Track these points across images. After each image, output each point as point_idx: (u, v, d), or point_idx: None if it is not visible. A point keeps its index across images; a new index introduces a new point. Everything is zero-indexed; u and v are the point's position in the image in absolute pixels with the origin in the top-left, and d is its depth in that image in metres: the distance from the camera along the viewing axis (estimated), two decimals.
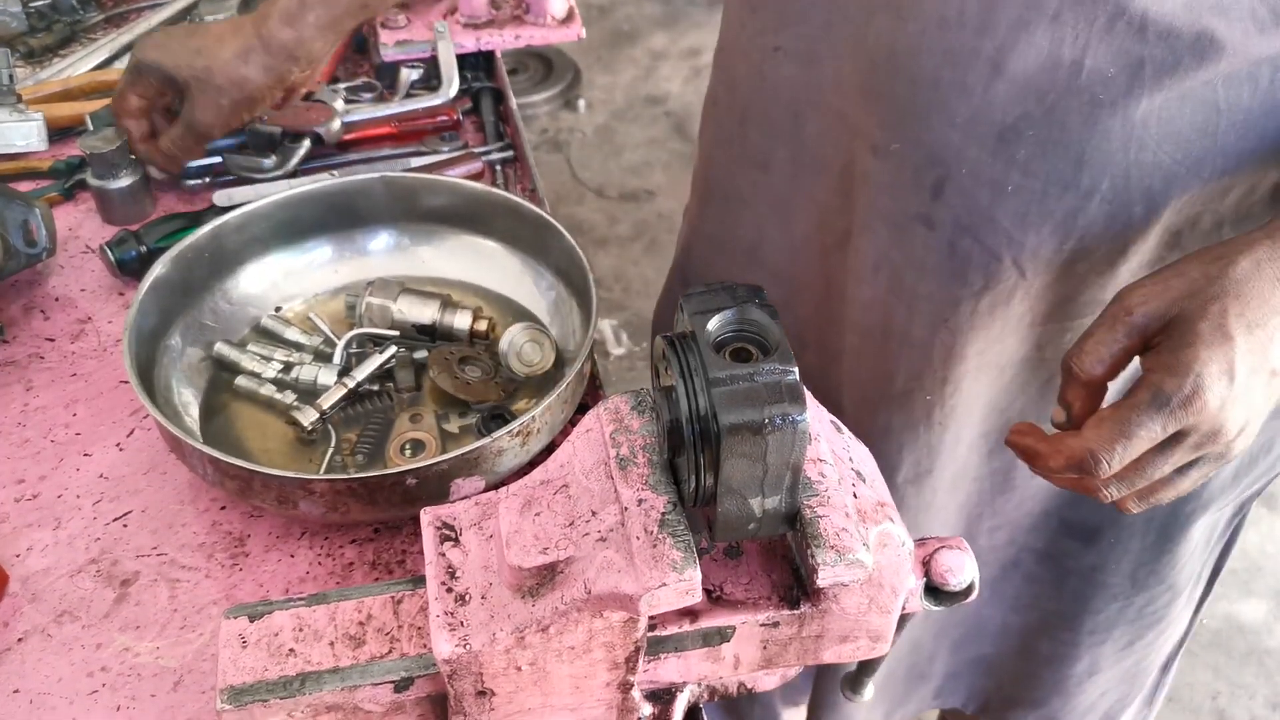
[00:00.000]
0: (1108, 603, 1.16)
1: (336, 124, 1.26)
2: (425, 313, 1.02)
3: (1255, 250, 0.71)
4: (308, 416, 0.94)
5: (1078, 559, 1.14)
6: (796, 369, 0.54)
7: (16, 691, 0.78)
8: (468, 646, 0.59)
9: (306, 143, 1.24)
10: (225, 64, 1.12)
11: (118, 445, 0.95)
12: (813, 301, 1.06)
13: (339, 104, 1.29)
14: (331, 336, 1.03)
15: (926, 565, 0.67)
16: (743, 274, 1.13)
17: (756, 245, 1.09)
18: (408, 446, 0.93)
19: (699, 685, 0.70)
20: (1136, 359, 0.74)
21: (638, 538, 0.57)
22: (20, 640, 0.81)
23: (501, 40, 1.45)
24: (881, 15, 0.85)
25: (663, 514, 0.58)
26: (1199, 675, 2.23)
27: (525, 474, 0.65)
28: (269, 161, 1.22)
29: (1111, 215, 0.85)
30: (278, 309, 1.07)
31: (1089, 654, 1.22)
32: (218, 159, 1.26)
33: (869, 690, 0.84)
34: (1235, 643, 2.29)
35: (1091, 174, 0.82)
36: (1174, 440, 0.71)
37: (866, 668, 0.82)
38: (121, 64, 1.41)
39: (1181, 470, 0.74)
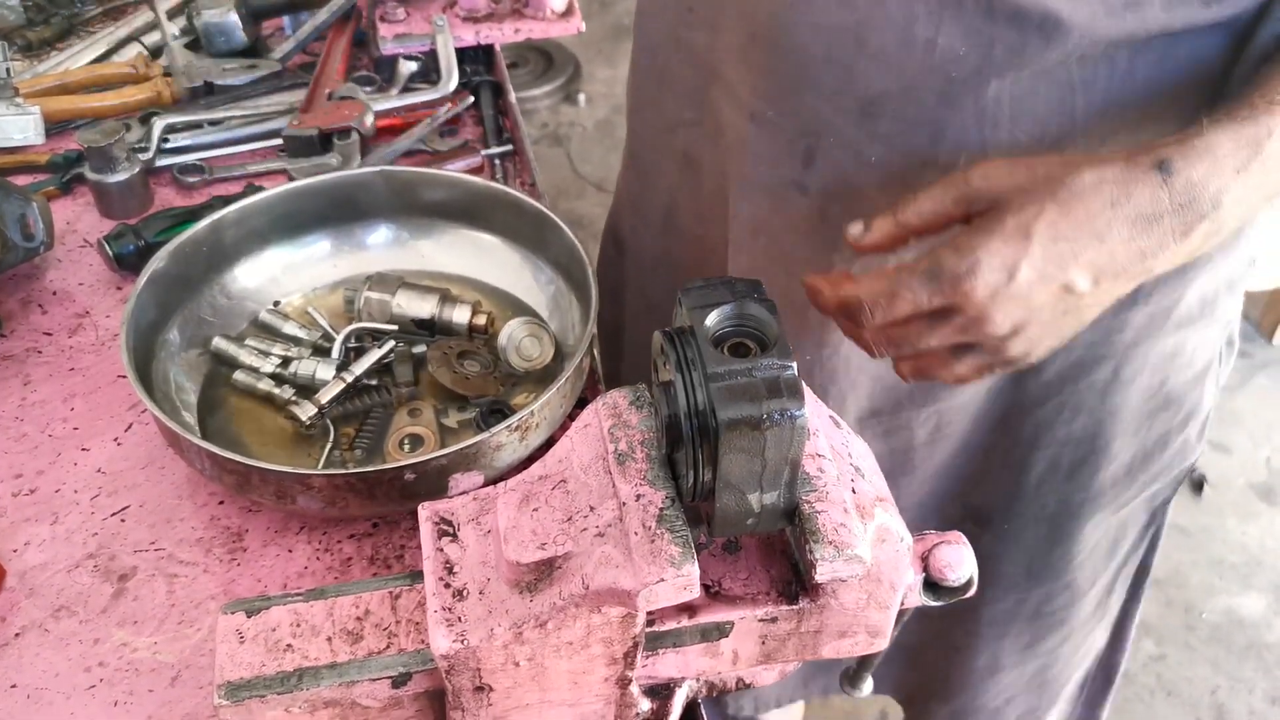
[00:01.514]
0: (1005, 592, 1.18)
1: (370, 117, 1.27)
2: (424, 307, 1.02)
3: (1105, 168, 0.70)
4: (306, 411, 0.94)
5: (977, 544, 1.11)
6: (795, 364, 0.54)
7: (14, 687, 0.78)
8: (465, 642, 0.59)
9: (355, 135, 1.25)
10: None
11: (115, 440, 0.95)
12: (718, 265, 1.08)
13: (363, 96, 1.29)
14: (330, 331, 1.03)
15: (925, 560, 0.67)
16: (660, 237, 1.16)
17: (671, 209, 1.12)
18: (406, 441, 0.93)
19: (697, 680, 0.70)
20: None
21: (636, 533, 0.57)
22: (17, 635, 0.81)
23: (501, 34, 1.45)
24: (755, 25, 0.87)
25: (661, 509, 0.57)
26: (1198, 670, 2.23)
27: (524, 469, 0.65)
28: (335, 160, 1.22)
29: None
30: (276, 303, 1.06)
31: (989, 647, 1.23)
32: (214, 152, 1.26)
33: (868, 685, 0.84)
34: (1235, 637, 2.29)
35: (948, 150, 0.84)
36: (941, 315, 0.72)
37: (865, 663, 0.82)
38: (120, 57, 1.41)
39: (957, 353, 0.75)
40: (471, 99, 1.37)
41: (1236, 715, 2.17)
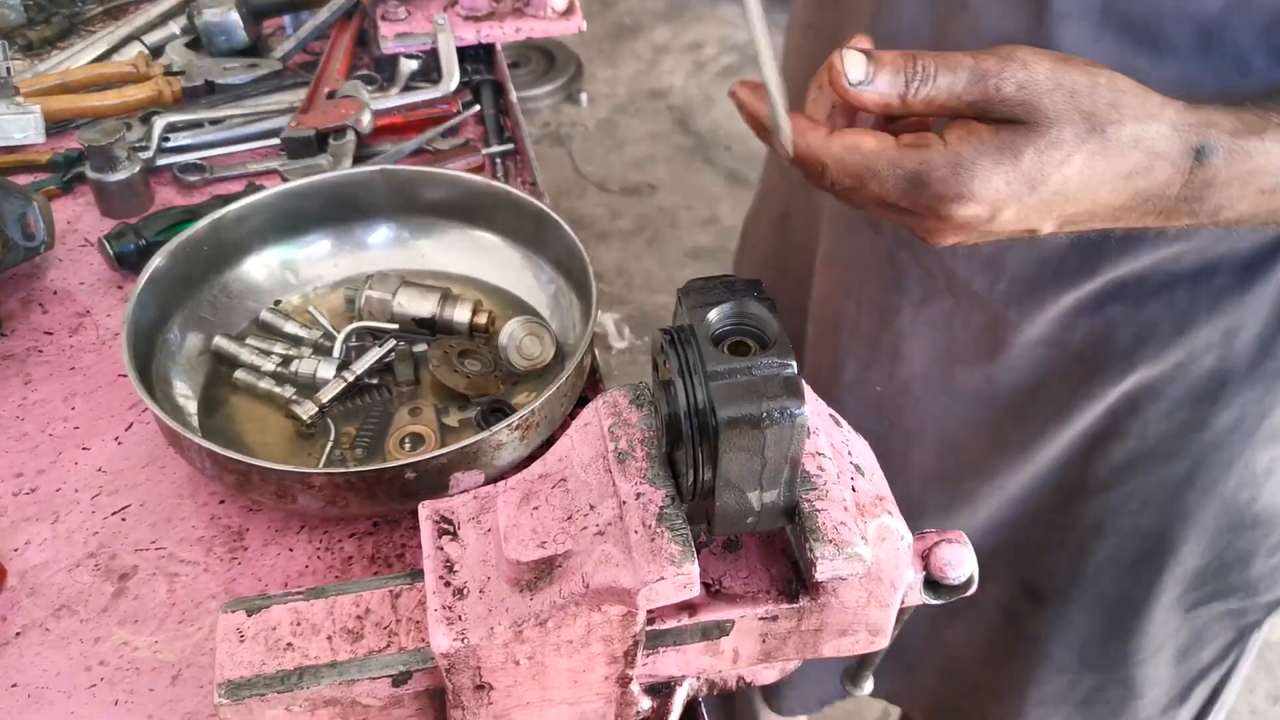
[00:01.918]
0: (1054, 675, 1.12)
1: (368, 116, 1.27)
2: (425, 306, 1.02)
3: (1148, 126, 0.62)
4: (307, 410, 0.94)
5: (1029, 621, 1.11)
6: (795, 363, 0.54)
7: (14, 686, 0.78)
8: (465, 640, 0.59)
9: (351, 135, 1.24)
10: None
11: (116, 439, 0.95)
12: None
13: (364, 95, 1.29)
14: (331, 330, 1.03)
15: (925, 559, 0.67)
16: (772, 240, 1.15)
17: (785, 216, 1.10)
18: (407, 440, 0.93)
19: (698, 679, 0.70)
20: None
21: (636, 532, 0.57)
22: (18, 635, 0.81)
23: (502, 33, 1.45)
24: (882, 14, 0.85)
25: (661, 508, 0.57)
26: None
27: (524, 467, 0.65)
28: (326, 161, 1.22)
29: (1042, 259, 0.85)
30: (277, 302, 1.06)
31: None
32: (215, 151, 1.26)
33: (869, 683, 0.84)
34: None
35: None
36: (899, 207, 0.65)
37: (866, 661, 0.82)
38: (121, 56, 1.41)
39: (893, 212, 0.67)
40: (477, 105, 1.37)
41: (1238, 714, 2.17)
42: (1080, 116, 0.62)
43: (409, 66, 1.38)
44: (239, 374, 0.98)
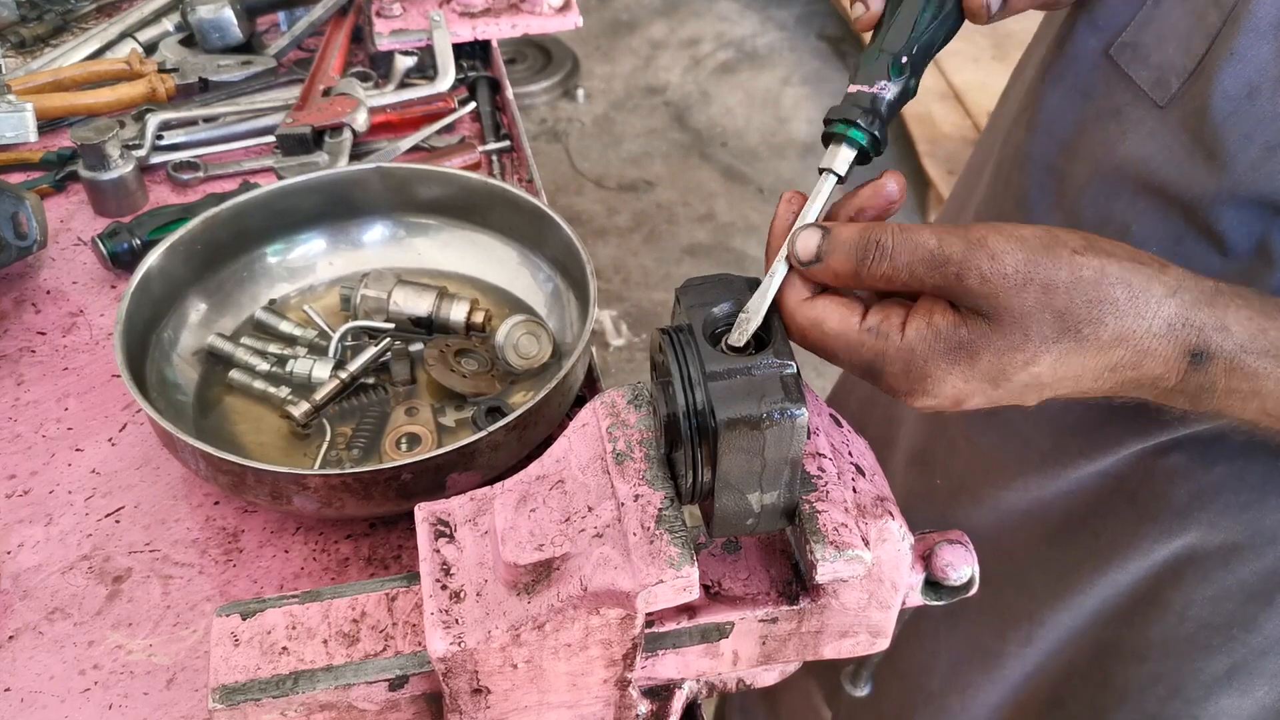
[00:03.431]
0: None
1: (363, 114, 1.26)
2: (421, 305, 1.01)
3: (1137, 321, 0.57)
4: (302, 410, 0.93)
5: None
6: (794, 363, 0.53)
7: (8, 690, 0.77)
8: (463, 644, 0.58)
9: (348, 133, 1.24)
10: None
11: (110, 440, 0.95)
12: None
13: (360, 93, 1.28)
14: (326, 329, 1.02)
15: (926, 560, 0.66)
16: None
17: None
18: (403, 440, 0.92)
19: (697, 681, 0.70)
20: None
21: (634, 534, 0.56)
22: (11, 638, 0.81)
23: (498, 29, 1.44)
24: (1025, 96, 0.86)
25: (660, 510, 0.57)
26: None
27: (522, 467, 0.64)
28: (322, 159, 1.21)
29: (1113, 407, 0.80)
30: (272, 301, 1.06)
31: None
32: (209, 149, 1.26)
33: (868, 684, 0.84)
34: None
35: None
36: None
37: (866, 662, 0.81)
38: (115, 54, 1.40)
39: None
40: (473, 102, 1.36)
41: None
42: (1052, 316, 0.56)
43: (405, 63, 1.37)
44: (234, 374, 0.98)
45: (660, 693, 0.68)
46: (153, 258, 0.95)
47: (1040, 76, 0.84)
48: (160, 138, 1.26)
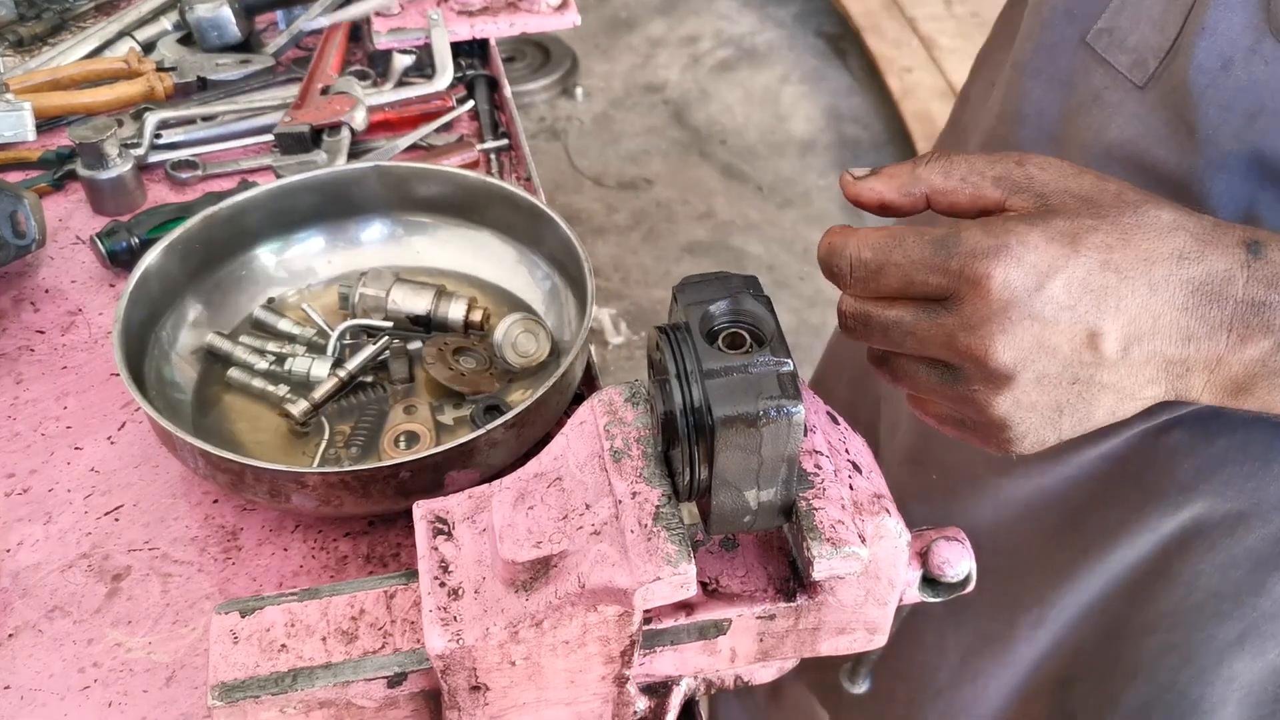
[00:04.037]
0: None
1: (362, 112, 1.26)
2: (419, 303, 1.01)
3: (1188, 217, 0.58)
4: (300, 408, 0.93)
5: None
6: (792, 360, 0.53)
7: (7, 688, 0.78)
8: (461, 641, 0.59)
9: (346, 132, 1.24)
10: None
11: (109, 439, 0.95)
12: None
13: (358, 92, 1.28)
14: (325, 327, 1.02)
15: (923, 557, 0.66)
16: None
17: None
18: (402, 438, 0.93)
19: (695, 678, 0.70)
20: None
21: (632, 531, 0.56)
22: (11, 636, 0.81)
23: (496, 28, 1.44)
24: (995, 90, 0.85)
25: (657, 507, 0.57)
26: None
27: (520, 466, 0.64)
28: (321, 157, 1.21)
29: None
30: (270, 300, 1.06)
31: None
32: (207, 148, 1.26)
33: (867, 681, 0.84)
34: None
35: None
36: (933, 309, 0.58)
37: (864, 658, 0.82)
38: (113, 52, 1.40)
39: (929, 370, 0.61)
40: (471, 100, 1.36)
41: None
42: (1111, 198, 0.58)
43: (403, 62, 1.37)
44: (232, 372, 0.98)
45: (658, 690, 0.68)
46: (151, 256, 0.95)
47: (1019, 71, 0.84)
48: (158, 136, 1.26)
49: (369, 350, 0.97)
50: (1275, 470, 0.78)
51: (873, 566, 0.61)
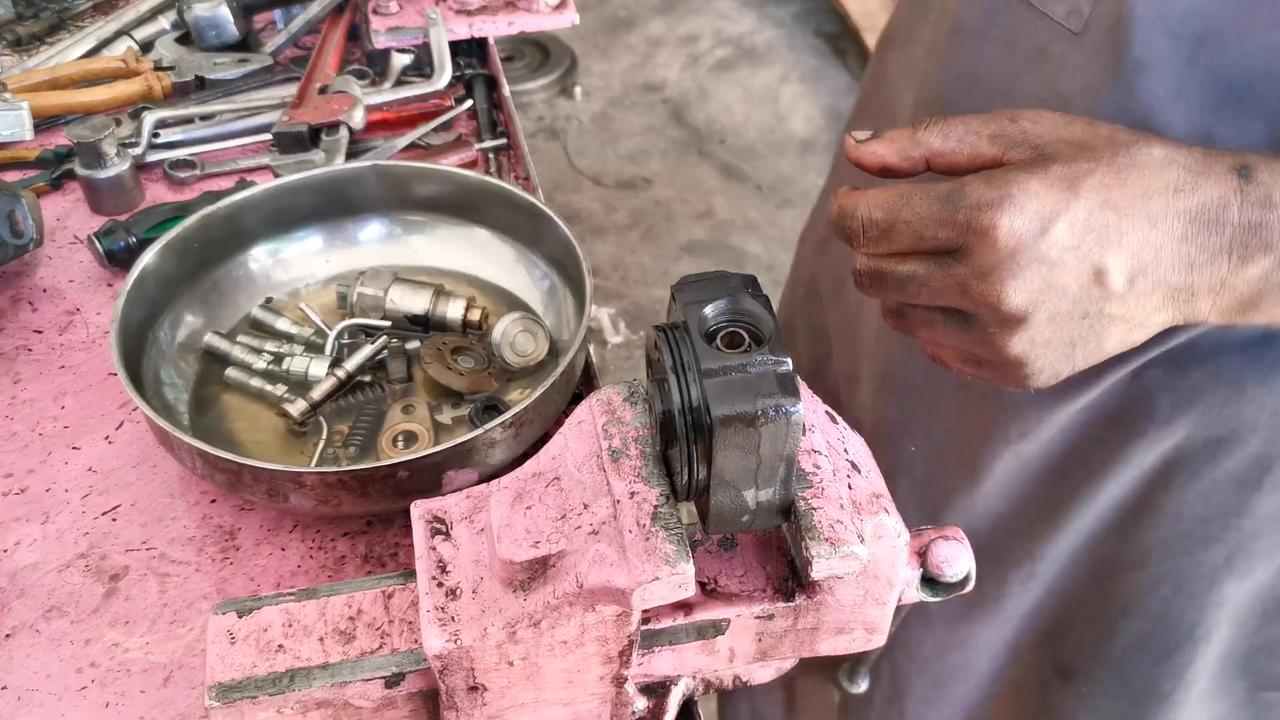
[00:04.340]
0: None
1: (360, 112, 1.25)
2: (417, 302, 1.01)
3: (1178, 150, 0.60)
4: (299, 408, 0.93)
5: (1057, 696, 1.05)
6: (790, 360, 0.53)
7: (4, 688, 0.77)
8: (459, 641, 0.58)
9: (345, 131, 1.23)
10: None
11: (106, 438, 0.95)
12: (844, 312, 1.06)
13: (357, 91, 1.28)
14: (323, 327, 1.02)
15: (922, 556, 0.66)
16: (813, 257, 1.16)
17: (830, 236, 1.09)
18: (400, 438, 0.92)
19: (694, 678, 0.70)
20: None
21: (630, 531, 0.56)
22: (8, 636, 0.81)
23: (494, 27, 1.44)
24: (930, 60, 0.84)
25: (655, 507, 0.57)
26: None
27: (518, 465, 0.64)
28: (319, 157, 1.21)
29: None
30: (268, 299, 1.06)
31: None
32: (205, 147, 1.26)
33: (865, 681, 0.84)
34: None
35: None
36: (945, 260, 0.61)
37: (863, 658, 0.82)
38: (111, 52, 1.40)
39: (945, 319, 0.64)
40: (470, 100, 1.36)
41: None
42: (1103, 139, 0.61)
43: (401, 61, 1.37)
44: (230, 372, 0.98)
45: (656, 689, 0.68)
46: (149, 256, 0.95)
47: (960, 35, 0.83)
48: (156, 136, 1.26)
49: (367, 350, 0.97)
50: (1248, 394, 0.80)
51: (871, 566, 0.61)
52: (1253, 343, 0.78)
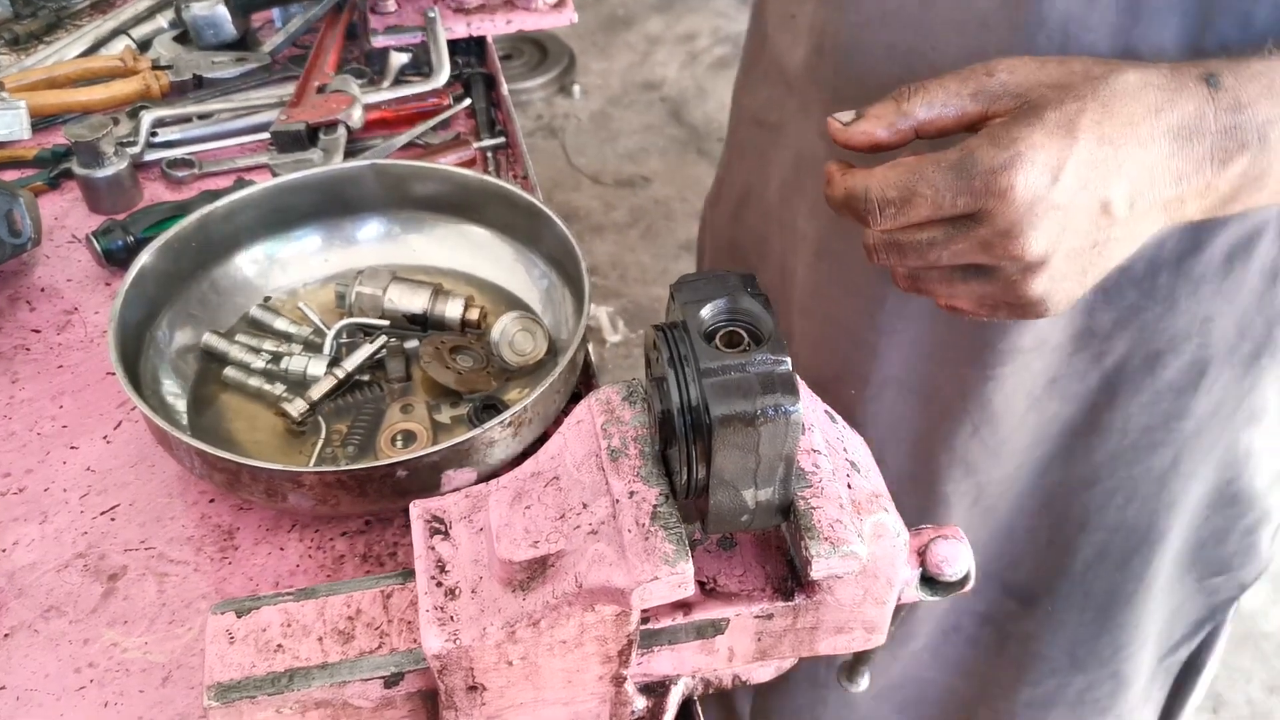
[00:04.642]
0: (1046, 676, 1.11)
1: (358, 110, 1.25)
2: (416, 302, 1.01)
3: (1149, 71, 0.63)
4: (297, 407, 0.93)
5: (1017, 623, 1.10)
6: (789, 359, 0.53)
7: (3, 688, 0.77)
8: (458, 641, 0.58)
9: (343, 130, 1.23)
10: None
11: (105, 438, 0.94)
12: (773, 270, 1.07)
13: (355, 90, 1.27)
14: (321, 326, 1.02)
15: (922, 555, 0.66)
16: (730, 225, 1.15)
17: (744, 200, 1.10)
18: (399, 437, 0.92)
19: (693, 678, 0.70)
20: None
21: (629, 530, 0.56)
22: (6, 636, 0.80)
23: (493, 26, 1.44)
24: (828, 7, 0.84)
25: (654, 506, 0.57)
26: None
27: (517, 464, 0.64)
28: (317, 156, 1.21)
29: None
30: (266, 299, 1.05)
31: None
32: (203, 146, 1.25)
33: (865, 679, 0.83)
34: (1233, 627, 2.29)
35: None
36: (964, 224, 0.62)
37: (862, 657, 0.81)
38: (109, 51, 1.40)
39: (965, 275, 0.66)
40: (468, 98, 1.36)
41: (1234, 705, 2.17)
42: (1079, 75, 0.62)
43: (399, 60, 1.37)
44: (229, 371, 0.98)
45: (656, 689, 0.68)
46: (146, 255, 0.95)
47: None
48: (154, 135, 1.25)
49: (366, 349, 0.97)
50: (1180, 308, 0.85)
51: (871, 565, 0.61)
52: (1183, 256, 0.82)
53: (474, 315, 1.01)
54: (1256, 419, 0.94)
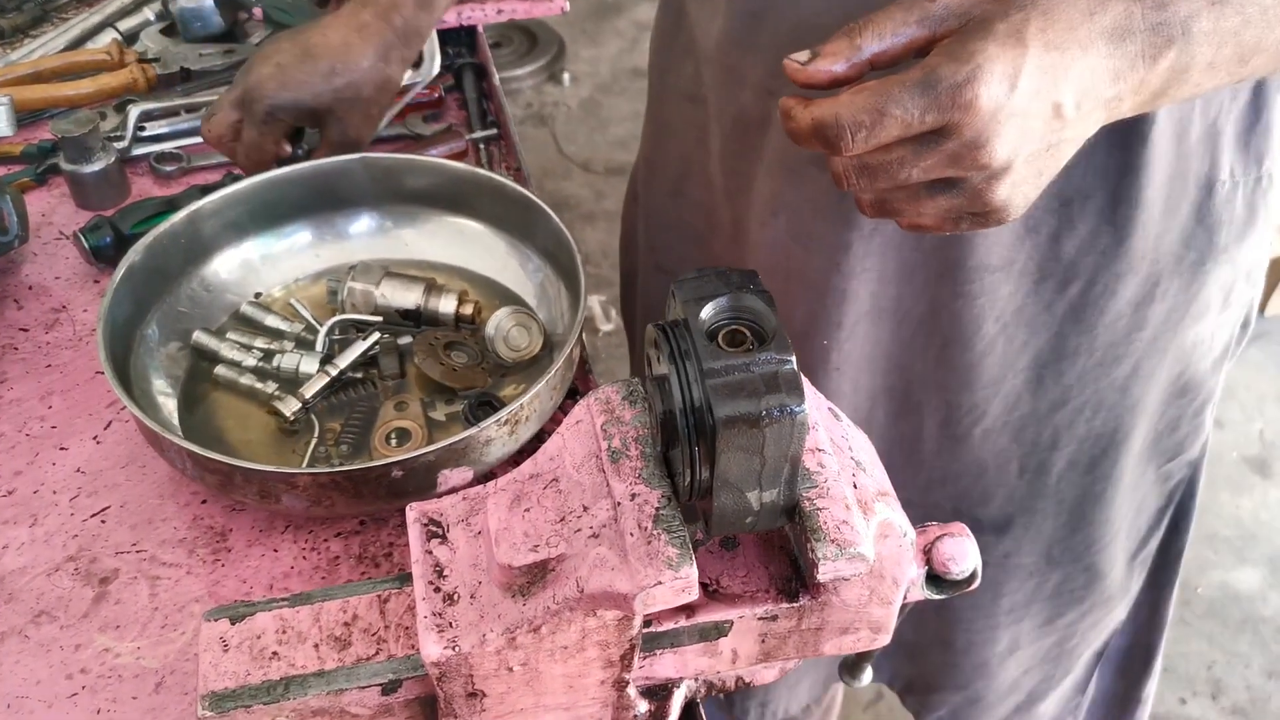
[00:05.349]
0: (1022, 582, 1.16)
1: None
2: (409, 297, 1.00)
3: None
4: (290, 406, 0.92)
5: (990, 551, 1.13)
6: (794, 358, 0.52)
7: None
8: (457, 648, 0.57)
9: None
10: (369, 72, 1.07)
11: (95, 438, 0.93)
12: (724, 239, 1.08)
13: None
14: (313, 323, 1.01)
15: (928, 554, 0.65)
16: (670, 202, 1.15)
17: (684, 175, 1.10)
18: (393, 435, 0.91)
19: (696, 680, 0.69)
20: None
21: (631, 534, 0.55)
22: None
23: (483, 15, 1.42)
24: None
25: (657, 509, 0.55)
26: (1194, 645, 2.23)
27: (515, 462, 0.63)
28: (300, 151, 1.19)
29: None
30: (257, 295, 1.04)
31: (1008, 632, 1.21)
32: (192, 140, 1.24)
33: (868, 675, 0.83)
34: (1230, 611, 2.29)
35: None
36: (932, 139, 0.64)
37: (865, 654, 0.81)
38: (95, 44, 1.38)
39: (932, 191, 0.68)
40: (459, 90, 1.34)
41: (1234, 690, 2.17)
42: None
43: None
44: (220, 370, 0.96)
45: (658, 692, 0.67)
46: (135, 252, 0.94)
47: None
48: (142, 129, 1.24)
49: (359, 346, 0.96)
50: (1132, 241, 0.92)
51: (877, 565, 0.59)
52: (1128, 189, 0.89)
53: (468, 310, 1.00)
54: (1202, 314, 1.00)
